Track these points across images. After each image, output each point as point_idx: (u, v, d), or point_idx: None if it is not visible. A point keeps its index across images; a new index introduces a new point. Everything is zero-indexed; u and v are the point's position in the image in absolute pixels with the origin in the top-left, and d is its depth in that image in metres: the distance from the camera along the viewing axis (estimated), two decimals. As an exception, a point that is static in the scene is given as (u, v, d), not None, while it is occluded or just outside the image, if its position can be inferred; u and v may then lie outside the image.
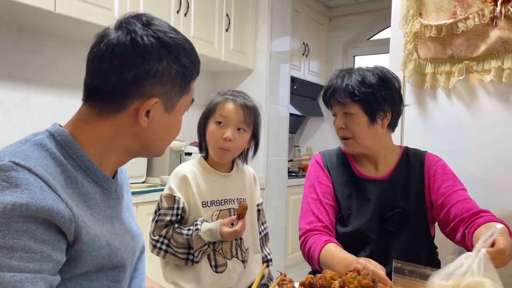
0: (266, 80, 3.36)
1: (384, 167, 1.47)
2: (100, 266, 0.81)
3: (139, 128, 0.85)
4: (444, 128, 1.91)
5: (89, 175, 0.84)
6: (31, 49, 2.36)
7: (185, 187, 1.34)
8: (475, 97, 1.85)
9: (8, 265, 0.67)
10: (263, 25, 3.36)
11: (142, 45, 0.80)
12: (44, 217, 0.70)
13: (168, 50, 0.83)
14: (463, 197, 1.36)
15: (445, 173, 1.43)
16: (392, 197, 1.41)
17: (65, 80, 2.49)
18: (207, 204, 1.35)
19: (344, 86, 1.39)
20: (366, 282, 0.98)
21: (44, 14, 2.08)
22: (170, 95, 0.86)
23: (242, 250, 1.39)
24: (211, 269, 1.33)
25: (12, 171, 0.70)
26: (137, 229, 1.00)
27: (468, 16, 1.79)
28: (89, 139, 0.84)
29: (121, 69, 0.80)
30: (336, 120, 1.46)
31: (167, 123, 0.88)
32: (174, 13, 2.68)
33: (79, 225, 0.75)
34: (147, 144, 0.89)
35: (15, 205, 0.68)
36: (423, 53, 1.92)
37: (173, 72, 0.84)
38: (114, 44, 0.80)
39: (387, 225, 1.39)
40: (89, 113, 0.85)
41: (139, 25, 0.82)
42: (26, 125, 2.31)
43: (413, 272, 1.13)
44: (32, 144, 0.78)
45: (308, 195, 1.49)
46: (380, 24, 4.32)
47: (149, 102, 0.83)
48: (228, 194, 1.39)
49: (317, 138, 4.63)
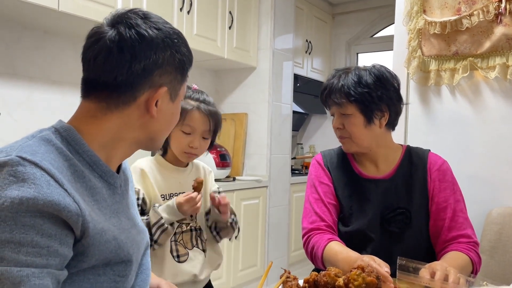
0: (269, 77, 3.36)
1: (385, 167, 1.45)
2: (107, 260, 0.82)
3: (147, 119, 0.88)
4: (448, 125, 1.91)
5: (95, 170, 0.84)
6: (34, 47, 2.37)
7: (144, 180, 1.41)
8: (480, 94, 1.84)
9: (15, 259, 0.67)
10: (266, 22, 3.36)
11: (148, 37, 0.83)
12: (51, 212, 0.71)
13: (170, 40, 0.86)
14: (452, 214, 1.37)
15: (445, 180, 1.41)
16: (395, 197, 1.40)
17: (68, 78, 2.50)
18: (165, 197, 1.42)
19: (340, 86, 1.38)
20: (370, 279, 0.98)
21: (47, 12, 2.08)
22: (174, 84, 0.89)
23: (202, 240, 1.46)
24: (173, 259, 1.39)
25: (19, 165, 0.71)
26: (141, 225, 1.00)
27: (472, 13, 1.78)
28: (97, 134, 0.85)
29: (131, 61, 0.82)
30: (334, 120, 1.45)
31: (171, 111, 0.92)
32: (177, 11, 2.67)
33: (86, 219, 0.76)
34: (153, 135, 0.91)
35: (22, 200, 0.68)
36: (427, 50, 1.91)
37: (176, 61, 0.87)
38: (120, 39, 0.82)
39: (390, 226, 1.38)
40: (97, 107, 0.85)
41: (139, 19, 0.85)
42: (30, 124, 2.32)
43: (417, 269, 1.14)
44: (38, 140, 0.78)
45: (310, 195, 1.49)
46: (384, 21, 4.31)
47: (160, 92, 0.86)
48: (185, 188, 1.45)
49: (320, 136, 4.62)
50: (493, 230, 1.68)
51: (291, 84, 3.62)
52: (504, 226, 1.66)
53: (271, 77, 3.36)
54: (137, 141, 0.90)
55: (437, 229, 1.39)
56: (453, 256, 1.29)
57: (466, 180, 1.65)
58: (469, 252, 1.30)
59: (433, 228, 1.40)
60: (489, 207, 1.73)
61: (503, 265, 1.64)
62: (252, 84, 3.41)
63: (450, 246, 1.35)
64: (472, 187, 1.77)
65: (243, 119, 3.41)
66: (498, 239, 1.66)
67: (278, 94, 3.45)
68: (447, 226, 1.37)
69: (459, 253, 1.30)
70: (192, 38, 2.80)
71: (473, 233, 1.38)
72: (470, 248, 1.32)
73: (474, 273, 1.29)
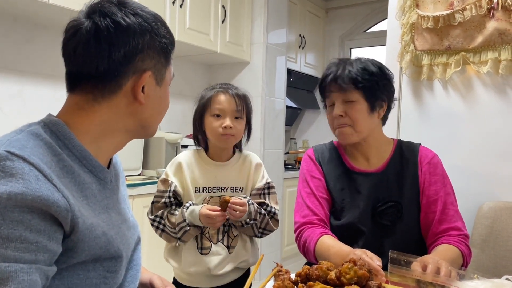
0: (263, 72, 3.35)
1: (377, 160, 1.46)
2: (97, 256, 0.81)
3: (135, 106, 0.87)
4: (440, 120, 1.91)
5: (85, 165, 0.83)
6: (25, 41, 2.34)
7: (180, 173, 1.44)
8: (472, 88, 1.85)
9: (3, 255, 0.66)
10: (259, 17, 3.34)
11: (124, 24, 0.83)
12: (40, 207, 0.70)
13: (148, 24, 0.86)
14: (443, 207, 1.38)
15: (436, 173, 1.42)
16: (386, 190, 1.41)
17: (60, 72, 2.45)
18: (199, 190, 1.44)
19: (347, 72, 1.38)
20: (362, 272, 0.98)
21: (38, 5, 2.05)
22: (159, 67, 0.89)
23: (229, 237, 1.44)
24: (197, 250, 1.41)
25: (7, 160, 0.70)
26: (133, 220, 1.00)
27: (465, 7, 1.78)
28: (86, 127, 0.84)
29: (110, 50, 0.82)
30: (334, 108, 1.42)
31: (159, 95, 0.91)
32: (169, 5, 2.65)
33: (75, 215, 0.75)
34: (143, 122, 0.90)
35: (10, 195, 0.67)
36: (420, 44, 1.92)
37: (156, 44, 0.87)
38: (96, 29, 0.82)
39: (381, 219, 1.39)
40: (84, 100, 0.85)
41: (113, 7, 0.84)
42: (21, 118, 2.29)
43: (409, 262, 1.14)
44: (27, 134, 0.77)
45: (302, 189, 1.49)
46: (377, 16, 4.31)
47: (144, 76, 0.85)
48: (221, 182, 1.45)
49: (313, 131, 4.63)
50: (484, 224, 1.69)
51: (285, 78, 3.62)
52: (495, 220, 1.67)
53: (264, 71, 3.35)
54: (128, 130, 0.90)
55: (428, 221, 1.39)
56: (444, 249, 1.30)
57: (457, 174, 1.66)
58: (459, 245, 1.31)
59: (424, 221, 1.41)
60: (481, 201, 1.74)
61: (494, 259, 1.65)
62: (245, 79, 3.40)
63: (440, 239, 1.36)
64: (464, 181, 1.78)
65: (236, 114, 3.40)
66: (489, 233, 1.67)
67: (271, 89, 3.45)
68: (437, 219, 1.37)
69: (450, 246, 1.31)
70: (185, 32, 2.78)
71: (463, 226, 1.39)
72: (460, 241, 1.33)
73: (465, 265, 1.30)
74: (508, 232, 1.64)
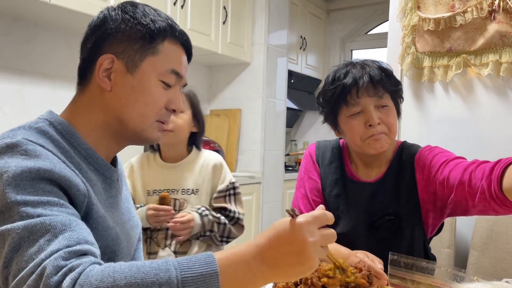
0: (263, 73, 3.35)
1: (378, 169, 1.36)
2: (108, 250, 0.81)
3: (106, 95, 0.84)
4: (441, 122, 1.91)
5: (91, 164, 0.84)
6: (25, 40, 2.34)
7: (132, 176, 1.46)
8: (473, 91, 1.84)
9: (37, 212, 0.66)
10: (260, 18, 3.34)
11: (105, 14, 0.86)
12: (63, 186, 0.71)
13: (124, 9, 0.86)
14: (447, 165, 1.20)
15: (427, 163, 1.26)
16: (383, 202, 1.31)
17: (59, 72, 2.47)
18: (150, 192, 1.45)
19: (378, 77, 1.24)
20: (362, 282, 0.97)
21: (38, 5, 2.05)
22: (130, 53, 0.84)
23: (176, 242, 1.42)
24: (146, 255, 1.41)
25: (28, 145, 0.71)
26: (136, 219, 1.01)
27: (466, 10, 1.78)
28: (83, 125, 0.85)
29: (87, 38, 0.86)
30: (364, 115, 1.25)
31: (131, 85, 0.84)
32: (170, 5, 2.65)
33: (91, 201, 0.76)
34: (118, 114, 0.85)
35: (39, 170, 0.68)
36: (421, 46, 1.91)
37: (127, 28, 0.84)
38: (91, 24, 0.87)
39: (378, 233, 1.31)
40: (77, 95, 0.88)
41: (116, 7, 0.88)
42: (20, 117, 2.29)
43: (409, 264, 1.13)
44: (35, 131, 0.78)
45: (298, 189, 1.47)
46: (378, 18, 4.31)
47: (102, 58, 0.83)
48: (171, 184, 1.44)
49: (313, 133, 4.62)
50: (485, 226, 1.68)
51: (285, 80, 3.61)
52: (496, 223, 1.67)
53: (265, 73, 3.35)
54: (107, 125, 0.86)
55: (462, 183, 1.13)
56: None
57: (458, 177, 1.65)
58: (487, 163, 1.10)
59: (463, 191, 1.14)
60: (481, 203, 1.73)
61: (494, 261, 1.65)
62: (246, 80, 3.40)
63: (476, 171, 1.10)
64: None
65: (236, 115, 3.40)
66: (489, 236, 1.67)
67: (272, 90, 3.44)
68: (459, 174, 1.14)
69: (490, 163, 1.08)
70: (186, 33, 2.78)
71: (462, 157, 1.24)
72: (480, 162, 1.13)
73: None
74: (508, 235, 1.64)
